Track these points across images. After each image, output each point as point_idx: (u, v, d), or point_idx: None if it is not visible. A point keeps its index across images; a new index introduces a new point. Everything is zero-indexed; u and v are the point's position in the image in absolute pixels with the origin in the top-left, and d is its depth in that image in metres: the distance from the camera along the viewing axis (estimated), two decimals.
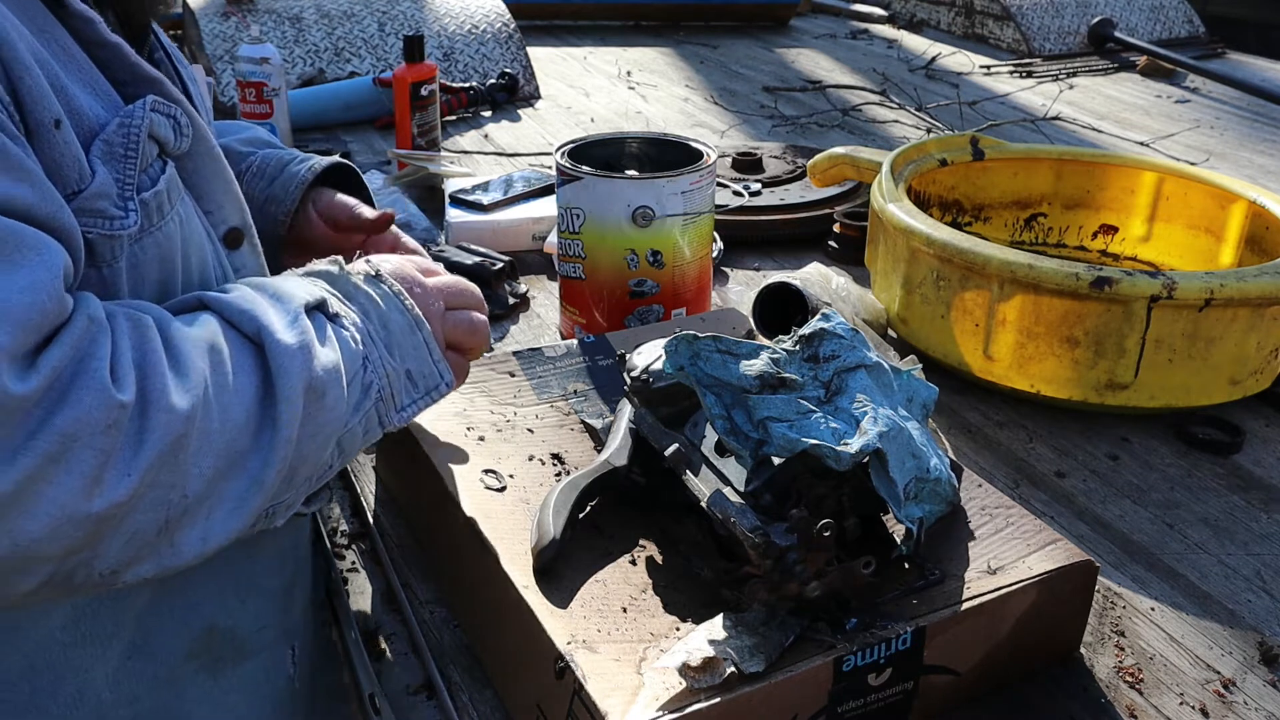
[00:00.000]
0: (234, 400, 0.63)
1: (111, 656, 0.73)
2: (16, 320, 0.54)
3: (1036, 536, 0.81)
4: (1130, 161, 1.48)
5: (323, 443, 0.69)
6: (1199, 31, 3.24)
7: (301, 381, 0.66)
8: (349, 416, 0.71)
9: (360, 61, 2.38)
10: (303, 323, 0.68)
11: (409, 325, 0.77)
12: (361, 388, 0.72)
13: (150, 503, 0.59)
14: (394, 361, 0.75)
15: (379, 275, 0.78)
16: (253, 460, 0.64)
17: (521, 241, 1.58)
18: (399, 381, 0.75)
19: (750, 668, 0.66)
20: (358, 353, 0.72)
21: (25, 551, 0.56)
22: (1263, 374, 1.15)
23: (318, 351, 0.68)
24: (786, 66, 2.90)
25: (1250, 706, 0.80)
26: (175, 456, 0.59)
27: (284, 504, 0.69)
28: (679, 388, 0.80)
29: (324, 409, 0.68)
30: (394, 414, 0.76)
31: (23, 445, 0.54)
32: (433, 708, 0.80)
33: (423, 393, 0.78)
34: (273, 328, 0.66)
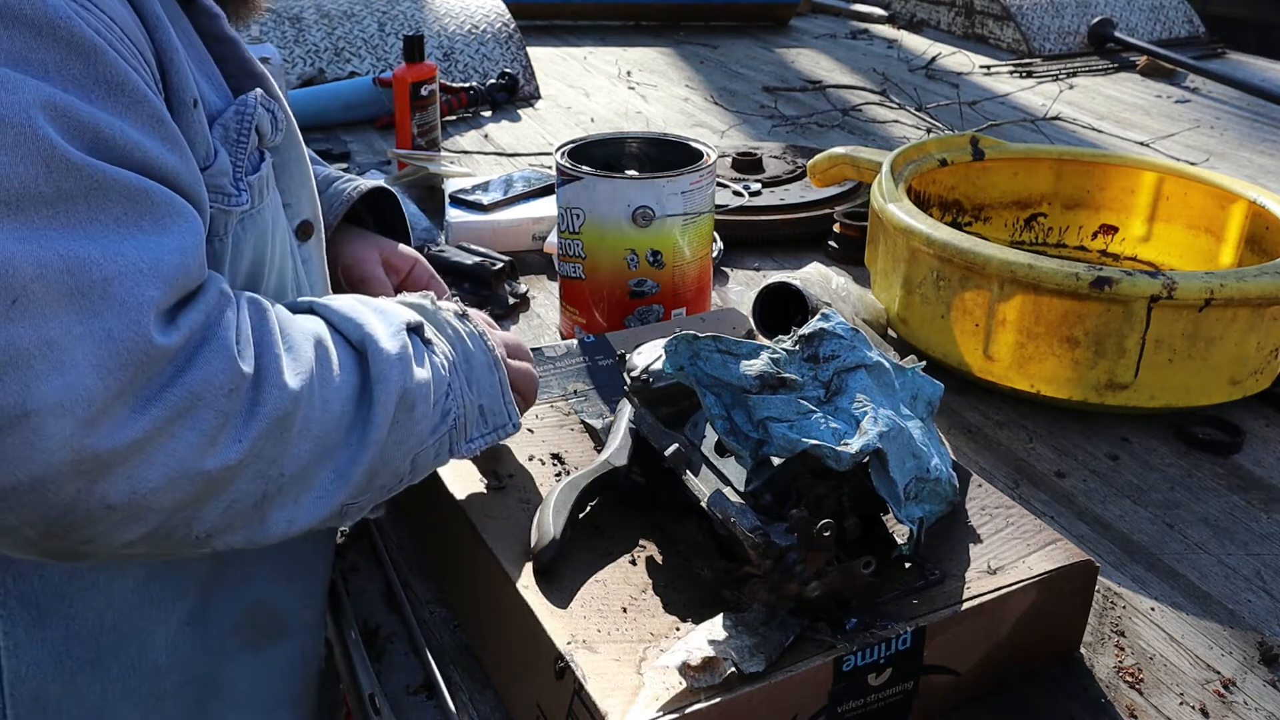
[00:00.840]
0: (334, 394, 0.67)
1: (173, 621, 0.77)
2: (167, 278, 0.58)
3: (1036, 536, 0.81)
4: (1130, 161, 1.48)
5: (405, 452, 0.72)
6: (1199, 31, 3.24)
7: (397, 389, 0.69)
8: (427, 436, 0.74)
9: (360, 61, 2.38)
10: (404, 337, 0.72)
11: (489, 364, 0.80)
12: (441, 413, 0.75)
13: (253, 474, 0.62)
14: (472, 395, 0.78)
15: (465, 315, 0.83)
16: (342, 455, 0.67)
17: (521, 241, 1.58)
18: (473, 414, 0.78)
19: (750, 668, 0.66)
20: (444, 379, 0.75)
21: (141, 499, 0.58)
22: (1263, 374, 1.15)
23: (414, 365, 0.71)
24: (786, 66, 2.90)
25: (1250, 706, 0.80)
26: (281, 432, 0.63)
27: (358, 505, 0.71)
28: (679, 388, 0.80)
29: (412, 420, 0.71)
30: (463, 444, 0.78)
31: (156, 396, 0.57)
32: (433, 708, 0.80)
33: (491, 429, 0.80)
34: (377, 336, 0.70)
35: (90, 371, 0.55)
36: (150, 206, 0.59)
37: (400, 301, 0.80)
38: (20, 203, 0.54)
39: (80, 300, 0.55)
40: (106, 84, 0.59)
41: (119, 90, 0.60)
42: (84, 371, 0.55)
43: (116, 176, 0.58)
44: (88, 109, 0.58)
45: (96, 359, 0.55)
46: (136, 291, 0.57)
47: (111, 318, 0.56)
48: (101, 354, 0.55)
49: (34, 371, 0.54)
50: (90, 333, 0.55)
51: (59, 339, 0.54)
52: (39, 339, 0.54)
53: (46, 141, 0.55)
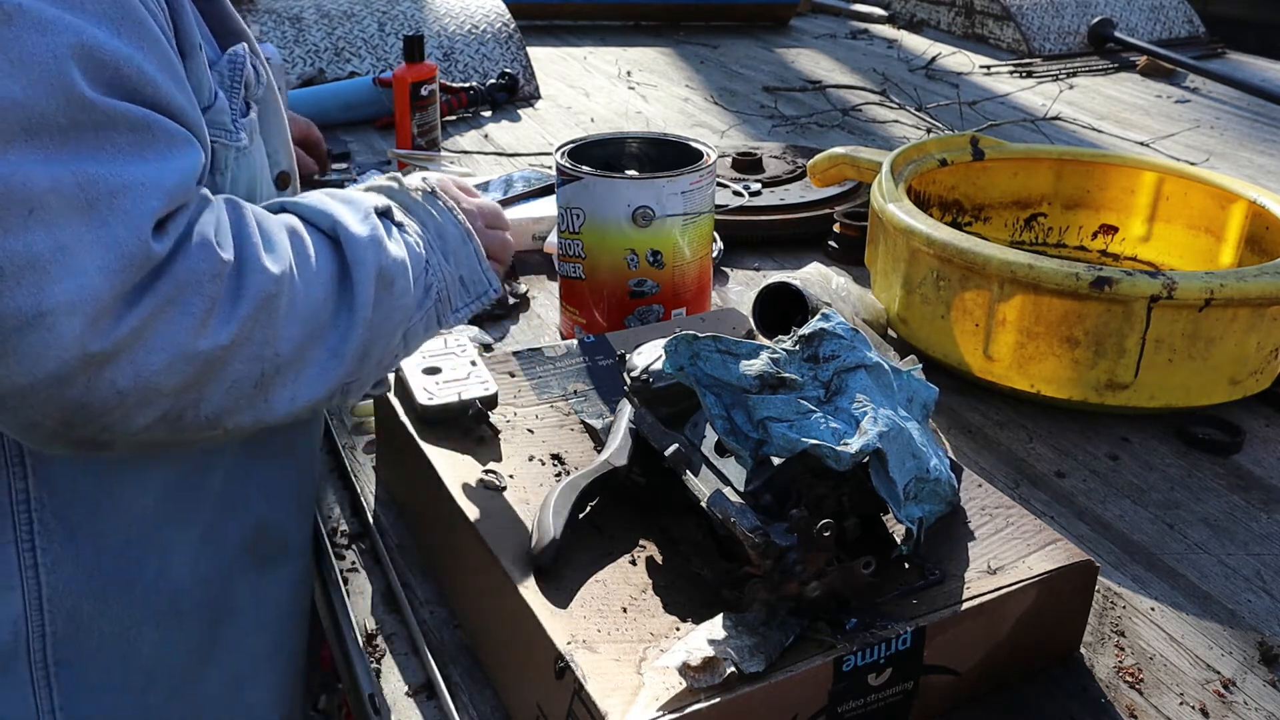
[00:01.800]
0: (314, 279, 0.73)
1: (192, 539, 0.85)
2: (168, 194, 0.66)
3: (1036, 536, 0.81)
4: (1130, 161, 1.48)
5: (393, 327, 0.78)
6: (1199, 31, 3.24)
7: (374, 269, 0.76)
8: (414, 311, 0.80)
9: (360, 61, 2.38)
10: (373, 220, 0.78)
11: (462, 236, 0.86)
12: (424, 288, 0.81)
13: (247, 355, 0.69)
14: (450, 267, 0.84)
15: (434, 191, 0.87)
16: (332, 335, 0.74)
17: (521, 241, 1.57)
18: (454, 285, 0.84)
19: (750, 668, 0.66)
20: (420, 256, 0.81)
21: (146, 383, 0.65)
22: (1263, 374, 1.15)
23: (387, 245, 0.78)
24: (786, 66, 2.90)
25: (1250, 706, 0.80)
26: (268, 314, 0.69)
27: (358, 381, 0.78)
28: (679, 388, 0.80)
29: (393, 296, 0.77)
30: (450, 314, 0.84)
31: (148, 289, 0.64)
32: (433, 708, 0.80)
33: (474, 297, 0.86)
34: (346, 223, 0.77)
35: (98, 273, 0.62)
36: (154, 137, 0.67)
37: (368, 187, 0.86)
38: (39, 130, 0.61)
39: (89, 211, 0.62)
40: (133, 22, 0.67)
41: (141, 28, 0.67)
42: (92, 274, 0.62)
43: (126, 111, 0.65)
44: (113, 44, 0.65)
45: (103, 262, 0.62)
46: (139, 204, 0.64)
47: (118, 226, 0.63)
48: (108, 257, 0.62)
49: (49, 275, 0.60)
50: (99, 239, 0.62)
51: (71, 245, 0.61)
52: (53, 245, 0.61)
53: (69, 82, 0.62)
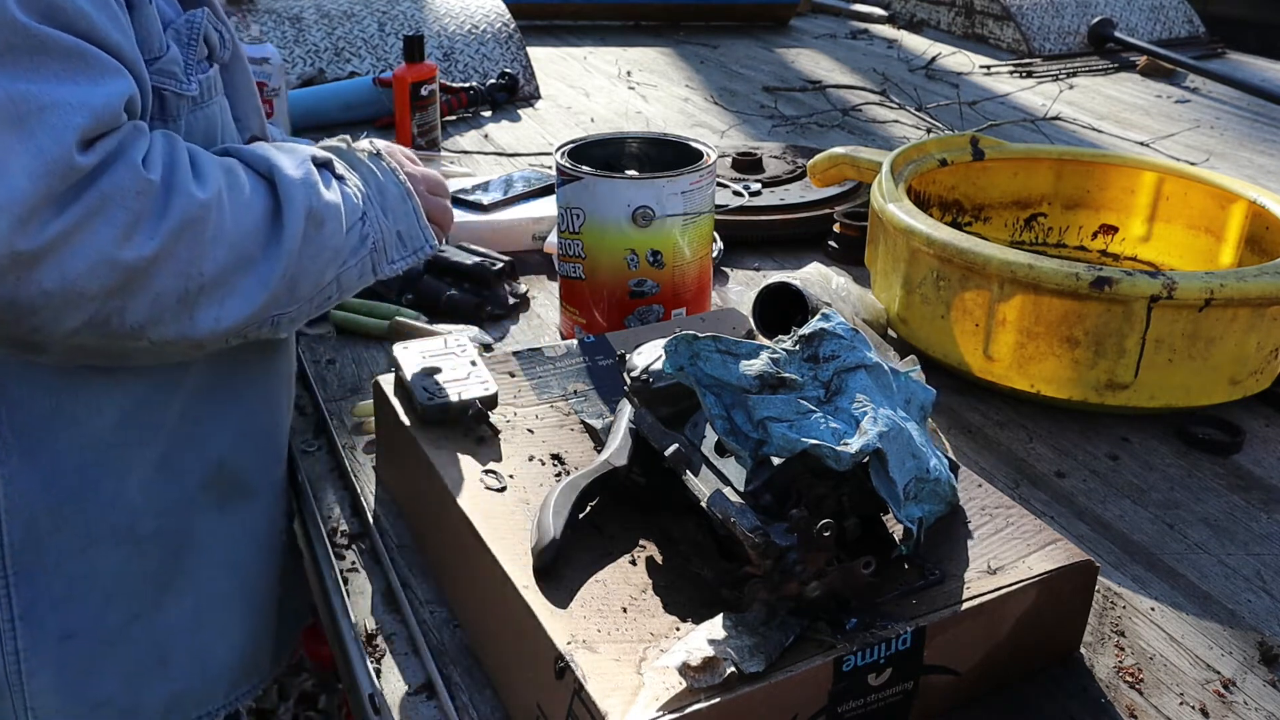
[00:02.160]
0: (245, 210, 0.80)
1: (145, 466, 0.91)
2: (94, 114, 0.72)
3: (1036, 536, 0.81)
4: (1130, 161, 1.48)
5: (321, 265, 0.86)
6: (1199, 31, 3.24)
7: (304, 207, 0.83)
8: (348, 256, 0.88)
9: (360, 61, 2.38)
10: (308, 166, 0.86)
11: (402, 194, 0.94)
12: (360, 237, 0.89)
13: (172, 271, 0.76)
14: (388, 221, 0.92)
15: (379, 153, 0.96)
16: (261, 264, 0.81)
17: (521, 241, 1.58)
18: (391, 238, 0.93)
19: (750, 668, 0.66)
20: (358, 206, 0.89)
21: (71, 285, 0.71)
22: (1263, 374, 1.15)
23: (320, 189, 0.85)
24: (786, 66, 2.90)
25: (1250, 706, 0.80)
26: (193, 234, 0.76)
27: (287, 315, 0.85)
28: (679, 388, 0.80)
29: (322, 235, 0.85)
30: (385, 265, 0.93)
31: (73, 199, 0.71)
32: (433, 708, 0.80)
33: (410, 251, 0.95)
34: (282, 166, 0.84)
35: (24, 178, 0.68)
36: (86, 64, 0.73)
37: (318, 144, 0.94)
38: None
39: (19, 125, 0.69)
40: None
41: None
42: (19, 179, 0.68)
43: (58, 38, 0.72)
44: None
45: (30, 169, 0.69)
46: (65, 119, 0.71)
47: (44, 137, 0.70)
48: (34, 164, 0.69)
49: None
50: (26, 149, 0.69)
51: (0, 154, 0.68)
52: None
53: (5, 7, 0.70)
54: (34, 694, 0.90)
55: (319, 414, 1.18)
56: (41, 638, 0.89)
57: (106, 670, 0.93)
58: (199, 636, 0.98)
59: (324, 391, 1.20)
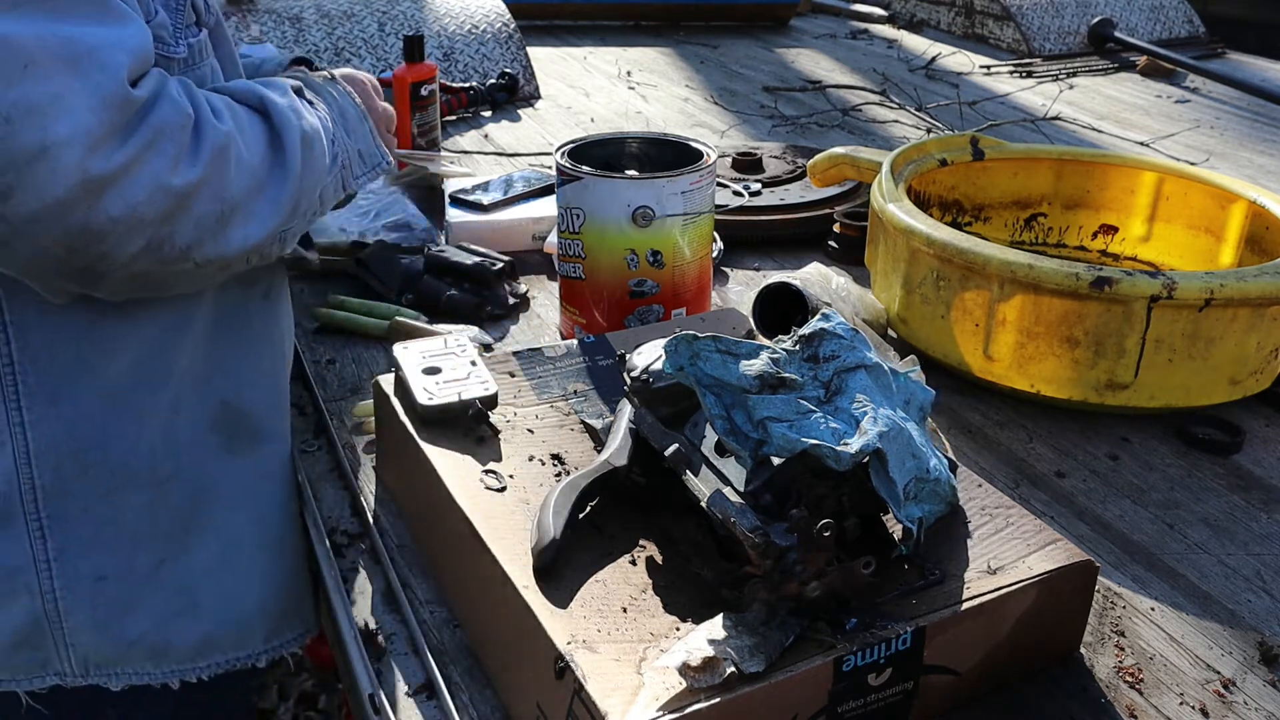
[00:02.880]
0: (253, 139, 0.87)
1: (160, 409, 0.95)
2: (133, 54, 0.78)
3: (1036, 536, 0.81)
4: (1130, 161, 1.48)
5: (314, 184, 0.93)
6: (1199, 31, 3.24)
7: (298, 133, 0.90)
8: (325, 174, 0.94)
9: (360, 61, 2.38)
10: (291, 96, 0.93)
11: (359, 116, 1.04)
12: (330, 155, 0.96)
13: (209, 194, 0.82)
14: (350, 141, 1.01)
15: (334, 79, 1.06)
16: (271, 187, 0.88)
17: (521, 241, 1.57)
18: (354, 157, 1.02)
19: (750, 668, 0.66)
20: (328, 128, 0.97)
21: (133, 212, 0.77)
22: (1263, 374, 1.15)
23: (305, 115, 0.93)
24: (786, 66, 2.90)
25: (1250, 706, 0.80)
26: (223, 161, 0.82)
27: (291, 230, 0.92)
28: (679, 388, 0.80)
29: (313, 157, 0.92)
30: (352, 181, 1.01)
31: (133, 131, 0.77)
32: (433, 708, 0.80)
33: (370, 167, 1.04)
34: (272, 97, 0.91)
35: (88, 112, 0.74)
36: (109, 9, 0.78)
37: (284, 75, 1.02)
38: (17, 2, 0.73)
39: (75, 64, 0.74)
40: None
41: None
42: (84, 113, 0.73)
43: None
44: None
45: (91, 104, 0.74)
46: (114, 57, 0.76)
47: (98, 74, 0.74)
48: (94, 100, 0.74)
49: (48, 116, 0.72)
50: (85, 86, 0.74)
51: (63, 92, 0.73)
52: (48, 93, 0.72)
53: None
54: (71, 631, 0.94)
55: (319, 414, 1.18)
56: (76, 579, 0.93)
57: (139, 610, 0.96)
58: (225, 579, 1.00)
59: (324, 391, 1.20)
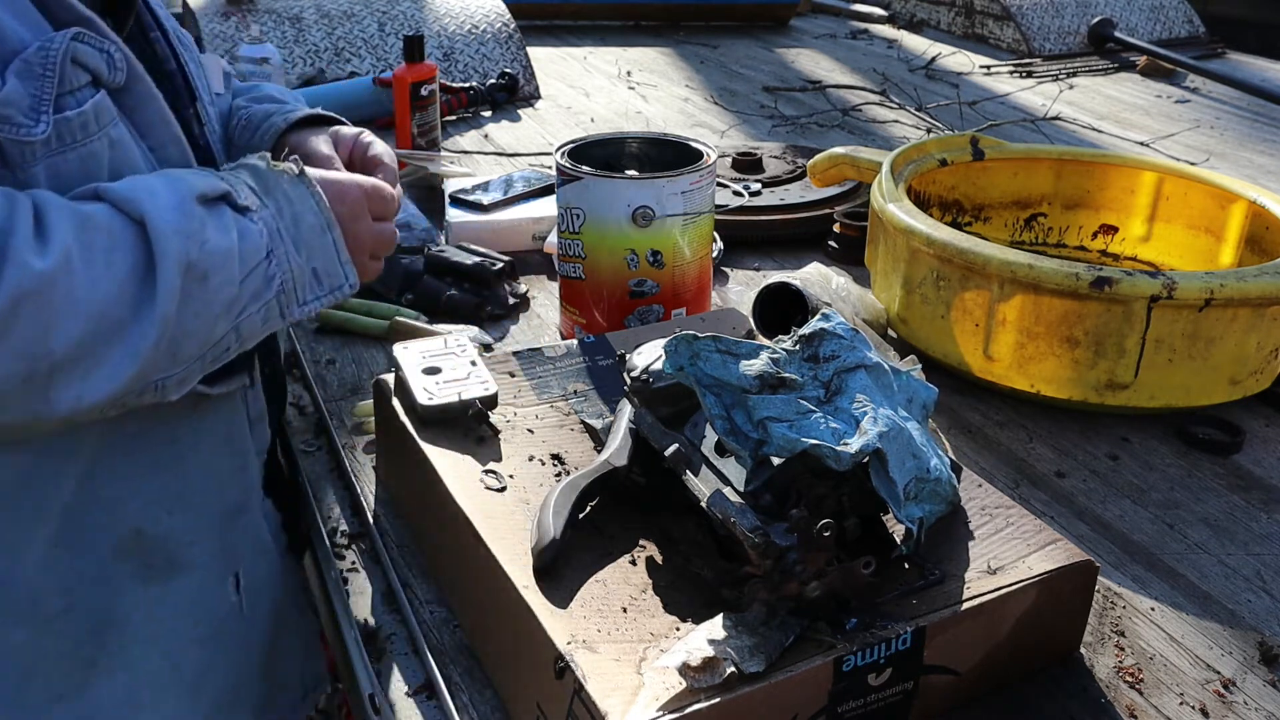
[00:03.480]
0: (105, 273, 0.71)
1: (38, 542, 0.81)
2: None
3: (1036, 536, 0.81)
4: (1130, 161, 1.48)
5: (209, 321, 0.76)
6: (1199, 31, 3.24)
7: (180, 261, 0.73)
8: (247, 303, 0.78)
9: (360, 61, 2.38)
10: (191, 209, 0.75)
11: (320, 226, 0.83)
12: (264, 278, 0.79)
13: (8, 353, 0.67)
14: (300, 258, 0.82)
15: (302, 174, 0.84)
16: (130, 330, 0.72)
17: (521, 241, 1.58)
18: (304, 277, 0.82)
19: (750, 668, 0.66)
20: (261, 246, 0.79)
21: None
22: (1263, 374, 1.15)
23: (206, 234, 0.75)
24: (786, 66, 2.90)
25: (1250, 706, 0.80)
26: (34, 310, 0.67)
27: (174, 378, 0.76)
28: (679, 388, 0.80)
29: (208, 288, 0.75)
30: (296, 307, 0.83)
31: None
32: (433, 708, 0.80)
33: (327, 290, 0.85)
34: (156, 211, 0.73)
35: None
36: None
37: (233, 165, 0.84)
38: None
39: None
40: None
41: None
42: None
43: None
44: None
45: None
46: None
47: None
48: None
49: None
50: None
51: None
52: None
53: None
54: None
55: (319, 414, 1.18)
56: None
57: None
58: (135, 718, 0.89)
59: (324, 391, 1.20)
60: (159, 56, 0.89)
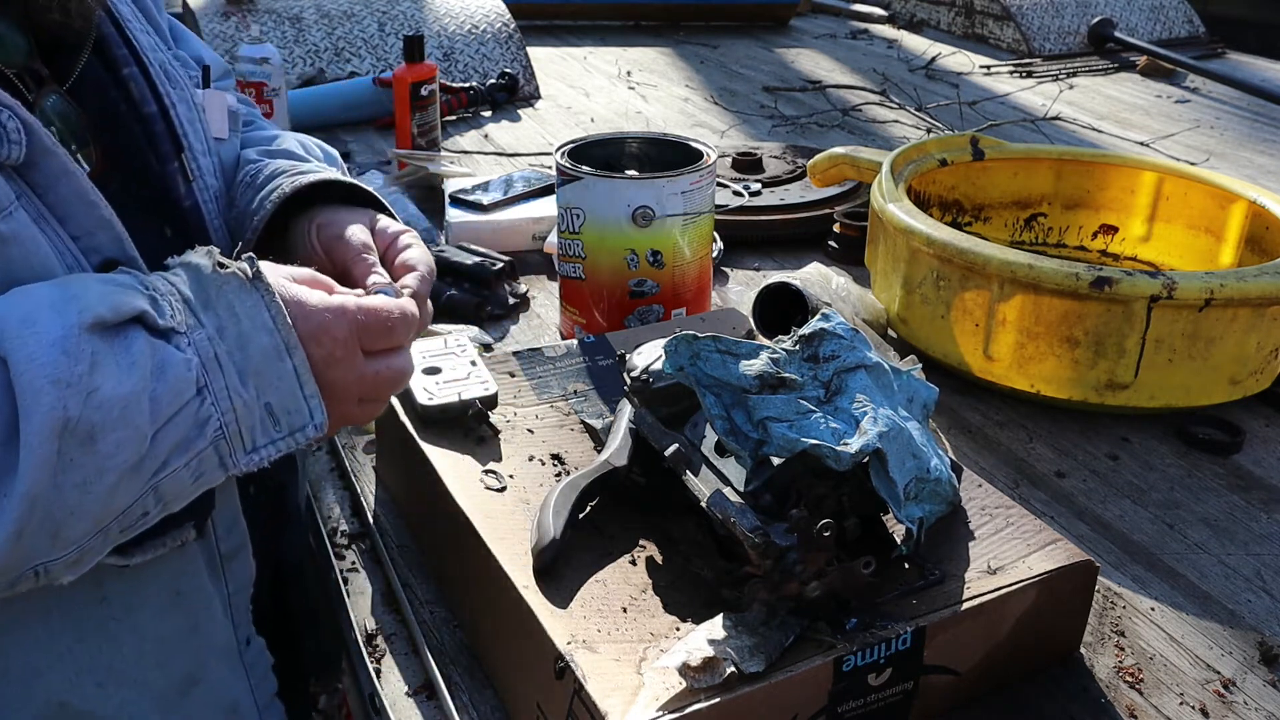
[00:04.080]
0: None
1: None
2: None
3: (1036, 536, 0.81)
4: (1130, 161, 1.48)
5: (103, 494, 0.58)
6: (1199, 31, 3.24)
7: (53, 423, 0.55)
8: (168, 457, 0.60)
9: (360, 61, 2.38)
10: (78, 343, 0.57)
11: (276, 350, 0.63)
12: (194, 423, 0.61)
13: None
14: (246, 393, 0.63)
15: (258, 278, 0.64)
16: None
17: (521, 241, 1.58)
18: (251, 417, 0.63)
19: (750, 668, 0.66)
20: (189, 379, 0.61)
21: None
22: (1263, 374, 1.14)
23: (95, 381, 0.57)
24: (786, 66, 2.90)
25: (1250, 706, 0.80)
26: None
27: (61, 561, 0.59)
28: (679, 388, 0.80)
29: (96, 454, 0.57)
30: (243, 455, 0.64)
31: None
32: (433, 708, 0.80)
33: (286, 432, 0.65)
34: (25, 350, 0.55)
35: None
36: None
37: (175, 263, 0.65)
38: None
39: None
40: None
41: None
42: None
43: None
44: None
45: None
46: None
47: None
48: None
49: None
50: None
51: None
52: None
53: None
54: None
55: None
56: None
57: None
58: None
59: None
60: (134, 99, 0.74)
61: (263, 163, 0.87)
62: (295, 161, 0.87)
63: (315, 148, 0.94)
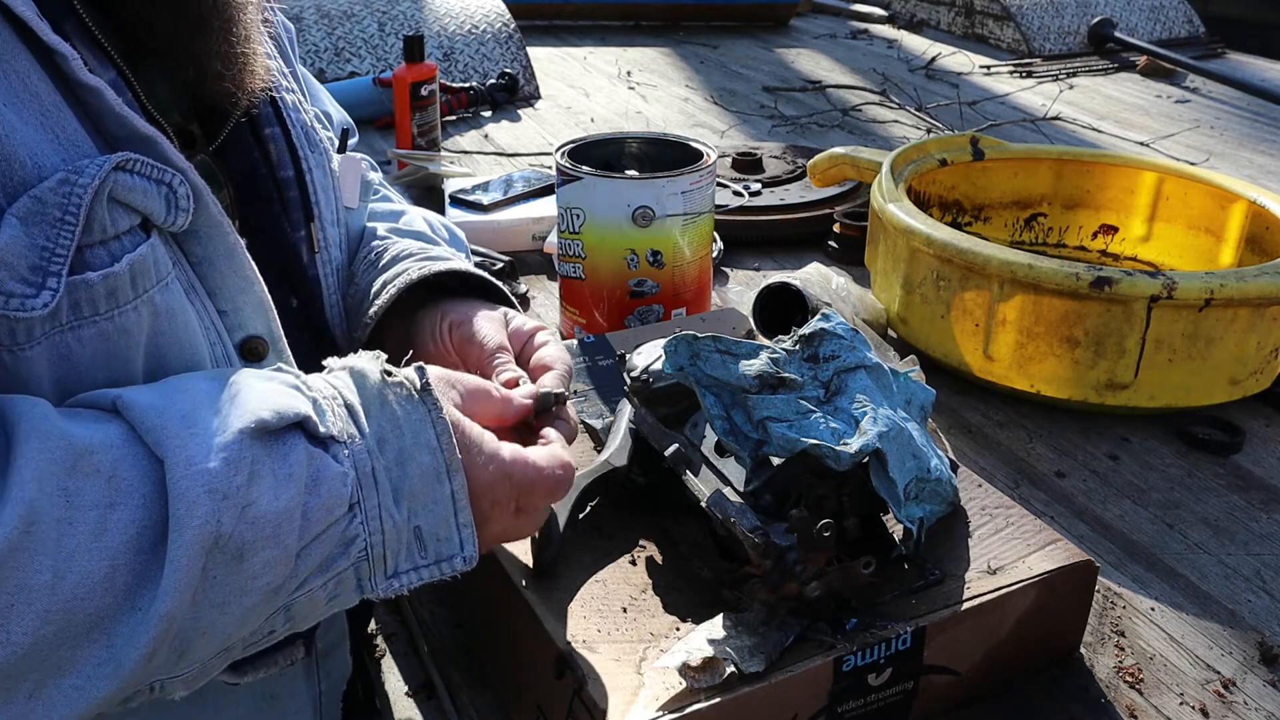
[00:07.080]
0: (90, 545, 0.49)
1: None
2: None
3: (1036, 536, 0.81)
4: (1130, 161, 1.48)
5: (239, 615, 0.53)
6: (1199, 31, 3.24)
7: (204, 538, 0.50)
8: (308, 578, 0.56)
9: (360, 61, 2.38)
10: (236, 453, 0.52)
11: (436, 471, 0.58)
12: (340, 541, 0.56)
13: None
14: (399, 513, 0.58)
15: (426, 390, 0.59)
16: (117, 631, 0.50)
17: (521, 241, 1.58)
18: (401, 539, 0.58)
19: (750, 668, 0.66)
20: (343, 496, 0.55)
21: None
22: (1263, 374, 1.15)
23: (252, 495, 0.52)
24: (786, 66, 2.90)
25: (1250, 706, 0.80)
26: None
27: (181, 679, 0.54)
28: (679, 388, 0.80)
29: (243, 574, 0.52)
30: (382, 580, 0.58)
31: None
32: (433, 708, 0.80)
33: (432, 560, 0.60)
34: (184, 454, 0.51)
35: None
36: None
37: (338, 365, 0.60)
38: None
39: None
40: None
41: None
42: None
43: None
44: None
45: None
46: None
47: None
48: None
49: None
50: None
51: None
52: None
53: None
54: None
55: None
56: None
57: None
58: None
59: None
60: (272, 161, 0.70)
61: (389, 241, 0.83)
62: (423, 244, 0.84)
63: (442, 228, 0.90)
